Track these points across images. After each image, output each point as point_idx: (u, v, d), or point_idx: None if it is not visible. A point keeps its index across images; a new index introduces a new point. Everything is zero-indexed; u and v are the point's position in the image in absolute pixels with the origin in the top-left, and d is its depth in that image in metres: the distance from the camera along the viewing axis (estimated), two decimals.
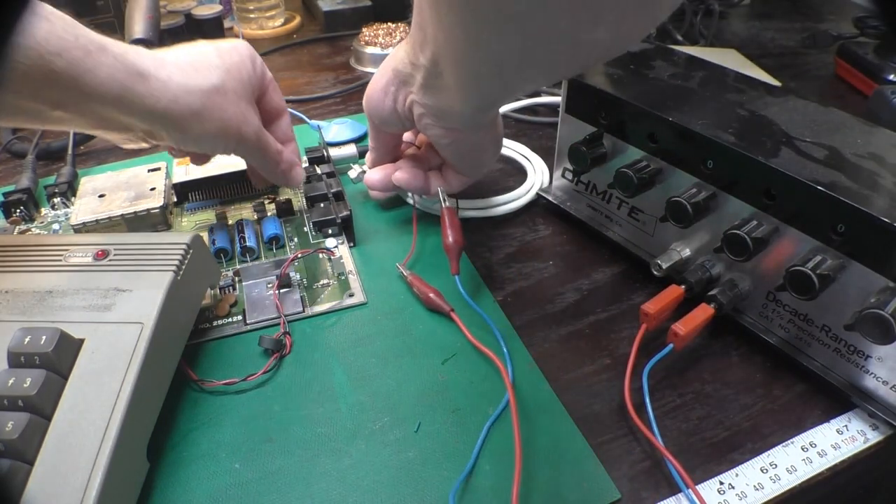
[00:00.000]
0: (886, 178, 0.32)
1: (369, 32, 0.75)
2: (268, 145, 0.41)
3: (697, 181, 0.37)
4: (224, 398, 0.35)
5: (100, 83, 0.31)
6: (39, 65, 0.29)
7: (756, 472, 0.32)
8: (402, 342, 0.38)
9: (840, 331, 0.33)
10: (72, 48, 0.30)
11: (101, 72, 0.31)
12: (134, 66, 0.33)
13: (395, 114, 0.40)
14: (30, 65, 0.29)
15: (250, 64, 0.40)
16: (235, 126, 0.38)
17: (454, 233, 0.41)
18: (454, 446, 0.32)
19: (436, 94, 0.35)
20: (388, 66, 0.39)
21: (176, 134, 0.36)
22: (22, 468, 0.26)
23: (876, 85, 0.64)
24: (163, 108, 0.34)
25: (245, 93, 0.39)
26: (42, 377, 0.28)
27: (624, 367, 0.34)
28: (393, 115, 0.40)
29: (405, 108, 0.39)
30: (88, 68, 0.31)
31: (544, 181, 0.52)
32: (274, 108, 0.44)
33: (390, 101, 0.39)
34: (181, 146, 0.39)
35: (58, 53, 0.30)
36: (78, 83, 0.31)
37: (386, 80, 0.39)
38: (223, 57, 0.38)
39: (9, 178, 0.54)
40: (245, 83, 0.39)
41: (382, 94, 0.39)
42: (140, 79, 0.33)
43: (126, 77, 0.32)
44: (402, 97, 0.38)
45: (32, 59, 0.29)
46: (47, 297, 0.32)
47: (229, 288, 0.42)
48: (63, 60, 0.30)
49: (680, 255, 0.39)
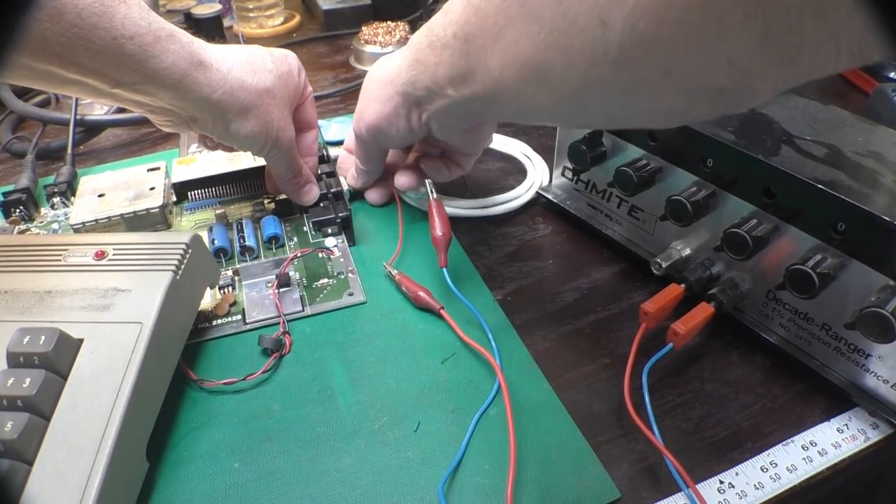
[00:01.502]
0: (887, 176, 0.32)
1: (369, 31, 0.75)
2: (295, 155, 0.43)
3: (697, 180, 0.37)
4: (223, 398, 0.35)
5: (163, 68, 0.33)
6: (113, 47, 0.31)
7: (756, 471, 0.32)
8: (401, 341, 0.38)
9: (840, 329, 0.33)
10: (144, 33, 0.32)
11: (167, 58, 0.33)
12: (198, 55, 0.35)
13: (410, 133, 0.40)
14: (104, 45, 0.30)
15: (297, 75, 0.42)
16: (276, 130, 0.40)
17: (442, 225, 0.41)
18: (453, 446, 0.32)
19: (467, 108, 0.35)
20: (388, 93, 0.39)
21: (220, 126, 0.38)
22: (21, 468, 0.26)
23: (876, 83, 0.64)
24: (217, 98, 0.36)
25: (290, 101, 0.42)
26: (41, 377, 0.28)
27: (624, 366, 0.34)
28: (406, 134, 0.41)
29: (421, 124, 0.39)
30: (155, 53, 0.32)
31: (544, 180, 0.51)
32: (307, 120, 0.46)
33: (403, 122, 0.40)
34: (221, 139, 0.40)
35: (130, 37, 0.31)
36: (143, 66, 0.32)
37: (393, 105, 0.39)
38: (277, 63, 0.40)
39: (8, 178, 0.54)
40: (290, 92, 0.41)
41: (394, 118, 0.40)
42: (201, 68, 0.35)
43: (189, 65, 0.34)
44: (415, 116, 0.39)
45: (107, 41, 0.30)
46: (46, 297, 0.32)
47: (229, 287, 0.42)
48: (134, 44, 0.31)
49: (680, 254, 0.39)
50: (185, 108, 0.36)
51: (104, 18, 0.30)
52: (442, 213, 0.41)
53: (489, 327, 0.38)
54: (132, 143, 0.60)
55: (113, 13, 0.30)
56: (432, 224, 0.41)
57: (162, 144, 0.59)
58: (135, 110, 0.37)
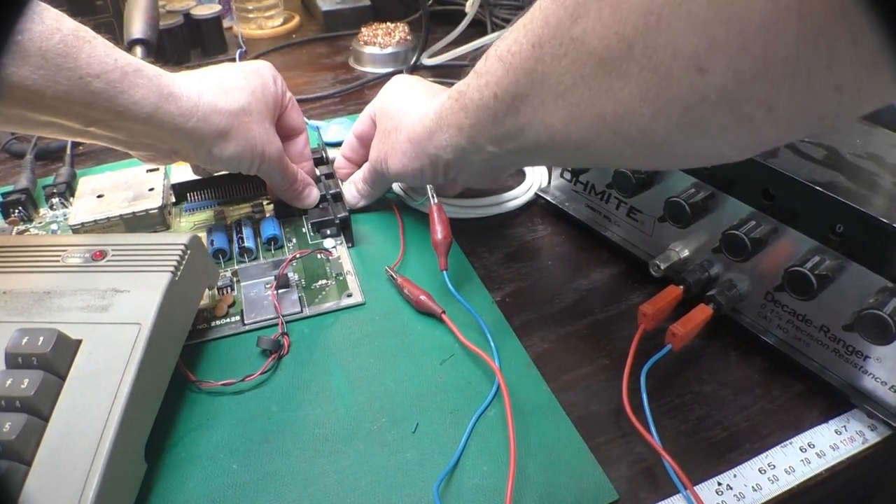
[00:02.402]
0: (885, 178, 0.32)
1: (368, 32, 0.75)
2: (287, 165, 0.43)
3: (696, 181, 0.37)
4: (222, 399, 0.35)
5: (133, 103, 0.33)
6: (80, 86, 0.31)
7: (754, 473, 0.32)
8: (400, 342, 0.38)
9: (838, 331, 0.33)
10: (111, 70, 0.32)
11: (136, 92, 0.33)
12: (167, 86, 0.35)
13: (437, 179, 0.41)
14: (71, 85, 0.30)
15: (272, 84, 0.42)
16: (260, 146, 0.40)
17: (443, 228, 0.41)
18: (452, 447, 0.32)
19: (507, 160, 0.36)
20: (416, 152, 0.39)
21: (202, 152, 0.38)
22: (19, 469, 0.26)
23: None
24: (191, 126, 0.36)
25: (269, 113, 0.41)
26: (39, 378, 0.28)
27: (622, 368, 0.34)
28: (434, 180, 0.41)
29: (449, 178, 0.40)
30: (124, 89, 0.33)
31: (543, 181, 0.51)
32: (292, 126, 0.45)
33: (429, 177, 0.41)
34: (206, 165, 0.40)
35: (97, 76, 0.31)
36: (113, 103, 0.32)
37: (420, 165, 0.40)
38: (248, 79, 0.40)
39: (7, 179, 0.54)
40: (269, 104, 0.41)
41: (419, 174, 0.41)
42: (172, 99, 0.35)
43: (158, 98, 0.34)
44: (443, 173, 0.40)
45: (73, 80, 0.30)
46: (45, 298, 0.32)
47: (227, 288, 0.42)
48: (101, 82, 0.31)
49: (678, 256, 0.39)
50: (163, 141, 0.36)
51: (68, 59, 0.30)
52: (443, 218, 0.41)
53: (488, 328, 0.38)
54: None
55: (77, 52, 0.30)
56: (433, 228, 0.41)
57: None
58: (114, 147, 0.37)
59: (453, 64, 0.70)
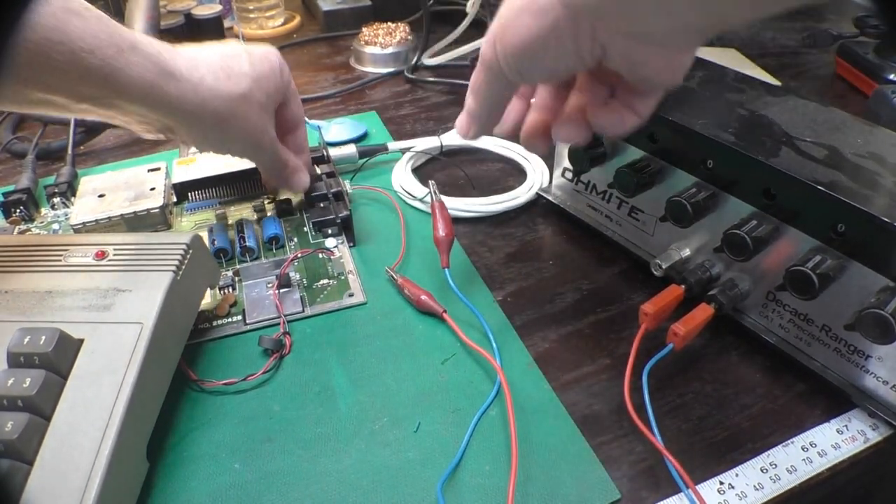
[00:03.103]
0: (886, 177, 0.32)
1: (369, 32, 0.75)
2: (277, 151, 0.42)
3: (697, 181, 0.37)
4: (224, 398, 0.35)
5: (130, 81, 0.32)
6: (74, 62, 0.30)
7: (756, 472, 0.32)
8: (401, 342, 0.38)
9: (840, 330, 0.33)
10: (105, 46, 0.30)
11: (132, 70, 0.32)
12: (166, 65, 0.33)
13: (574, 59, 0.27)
14: (63, 61, 0.29)
15: (279, 73, 0.40)
16: (256, 135, 0.39)
17: (445, 225, 0.41)
18: (454, 446, 0.32)
19: None
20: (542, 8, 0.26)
21: (197, 135, 0.37)
22: (21, 468, 0.26)
23: (876, 84, 0.64)
24: (189, 110, 0.35)
25: (269, 103, 0.40)
26: (41, 377, 0.28)
27: (624, 367, 0.34)
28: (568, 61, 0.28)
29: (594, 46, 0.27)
30: (120, 66, 0.31)
31: (544, 181, 0.51)
32: (292, 117, 0.45)
33: (568, 43, 0.27)
34: (198, 146, 0.39)
35: (91, 51, 0.30)
36: (108, 80, 0.31)
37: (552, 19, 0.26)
38: (254, 65, 0.38)
39: (9, 178, 0.54)
40: (271, 93, 0.40)
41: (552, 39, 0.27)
42: (171, 79, 0.33)
43: (156, 76, 0.33)
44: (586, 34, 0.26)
45: (66, 55, 0.29)
46: (47, 298, 0.32)
47: (229, 288, 0.42)
48: (96, 58, 0.30)
49: (680, 255, 0.39)
50: (158, 119, 0.35)
51: (57, 31, 0.29)
52: (445, 215, 0.42)
53: (489, 328, 0.38)
54: (132, 143, 0.60)
55: (66, 26, 0.29)
56: (435, 225, 0.41)
57: (162, 145, 0.59)
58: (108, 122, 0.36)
59: (454, 64, 0.70)
